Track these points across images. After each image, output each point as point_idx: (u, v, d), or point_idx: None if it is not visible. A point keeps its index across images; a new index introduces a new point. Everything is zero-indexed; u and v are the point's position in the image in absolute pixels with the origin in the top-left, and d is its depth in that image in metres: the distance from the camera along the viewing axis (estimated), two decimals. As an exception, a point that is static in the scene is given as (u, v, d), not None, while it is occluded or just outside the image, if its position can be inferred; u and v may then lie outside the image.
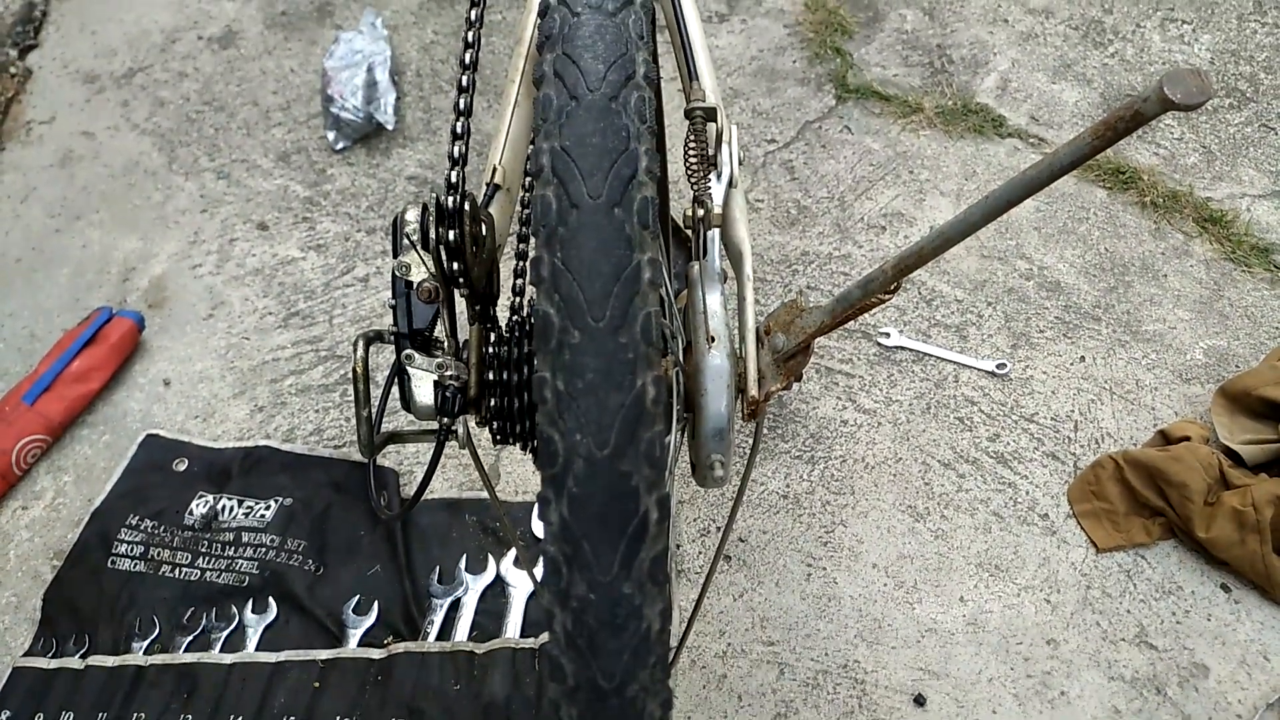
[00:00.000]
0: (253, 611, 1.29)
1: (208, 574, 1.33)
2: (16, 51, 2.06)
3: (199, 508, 1.39)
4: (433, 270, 0.64)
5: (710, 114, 0.72)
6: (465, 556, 1.32)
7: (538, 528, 1.34)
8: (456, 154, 0.65)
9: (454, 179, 0.63)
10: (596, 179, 0.49)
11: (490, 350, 0.69)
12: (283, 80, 1.97)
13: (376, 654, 1.23)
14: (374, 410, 0.71)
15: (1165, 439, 1.34)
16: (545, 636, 1.22)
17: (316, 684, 1.21)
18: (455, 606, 1.28)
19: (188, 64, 2.01)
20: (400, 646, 1.23)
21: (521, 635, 1.25)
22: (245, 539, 1.35)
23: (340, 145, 1.82)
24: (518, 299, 0.89)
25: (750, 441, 1.40)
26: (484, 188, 0.75)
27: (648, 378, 0.48)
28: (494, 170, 0.76)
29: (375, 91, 1.82)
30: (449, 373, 0.66)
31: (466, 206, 0.63)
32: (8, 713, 1.21)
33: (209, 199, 1.79)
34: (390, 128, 1.82)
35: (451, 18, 2.06)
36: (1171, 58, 1.86)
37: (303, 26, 2.07)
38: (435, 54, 1.99)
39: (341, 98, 1.79)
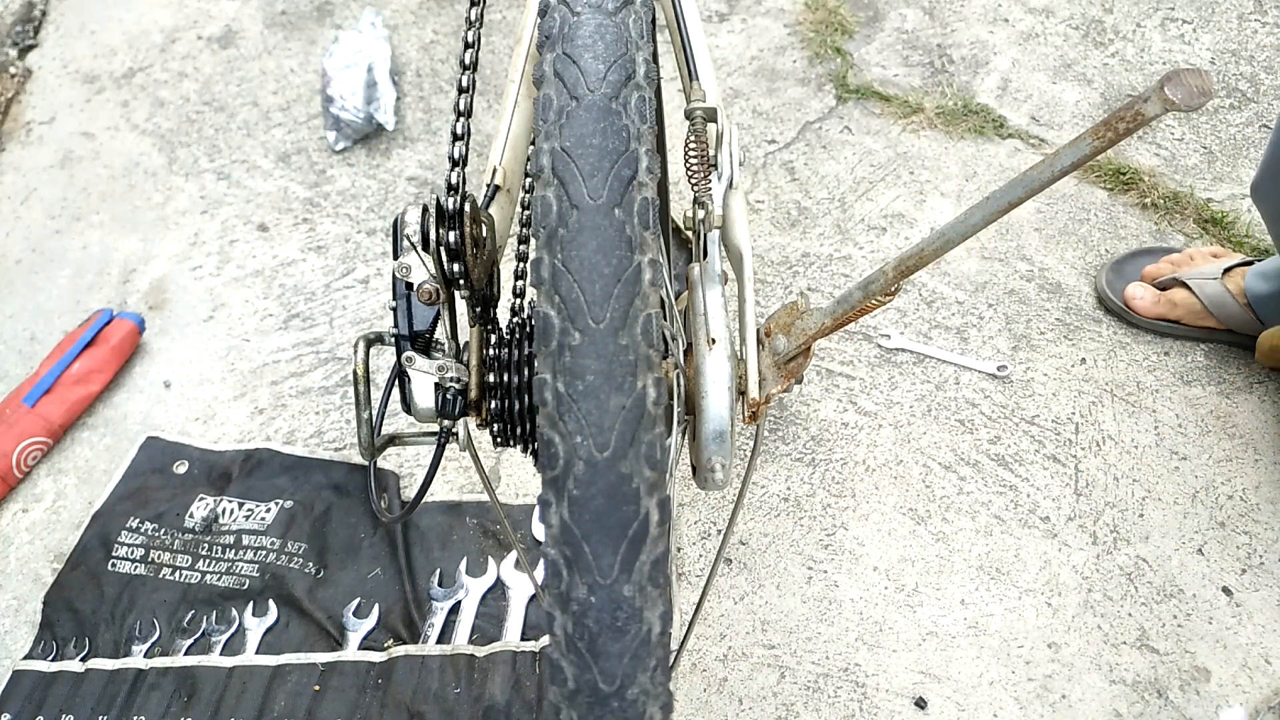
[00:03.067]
0: (253, 614, 1.29)
1: (208, 577, 1.33)
2: (16, 51, 2.06)
3: (199, 510, 1.38)
4: (433, 272, 0.64)
5: (710, 115, 0.72)
6: (465, 559, 1.32)
7: (538, 530, 1.34)
8: (457, 155, 0.64)
9: (454, 180, 0.63)
10: (597, 180, 0.49)
11: (491, 352, 0.68)
12: (282, 80, 1.97)
13: (376, 657, 1.23)
14: (374, 412, 0.71)
15: None
16: (546, 640, 1.22)
17: (316, 687, 1.21)
18: (455, 609, 1.28)
19: (187, 64, 2.01)
20: (400, 650, 1.23)
21: (522, 638, 1.25)
22: (246, 541, 1.35)
23: (340, 146, 1.82)
24: (518, 300, 0.89)
25: (751, 444, 1.40)
26: (484, 189, 0.75)
27: (648, 379, 0.48)
28: (494, 171, 0.76)
29: (375, 91, 1.82)
30: (449, 375, 0.66)
31: (467, 208, 0.62)
32: (8, 715, 1.21)
33: (209, 200, 1.78)
34: (390, 128, 1.82)
35: (451, 17, 2.06)
36: (1172, 57, 1.85)
37: (302, 26, 2.06)
38: (435, 54, 1.99)
39: (341, 98, 1.79)
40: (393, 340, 0.69)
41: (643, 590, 0.48)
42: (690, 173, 0.70)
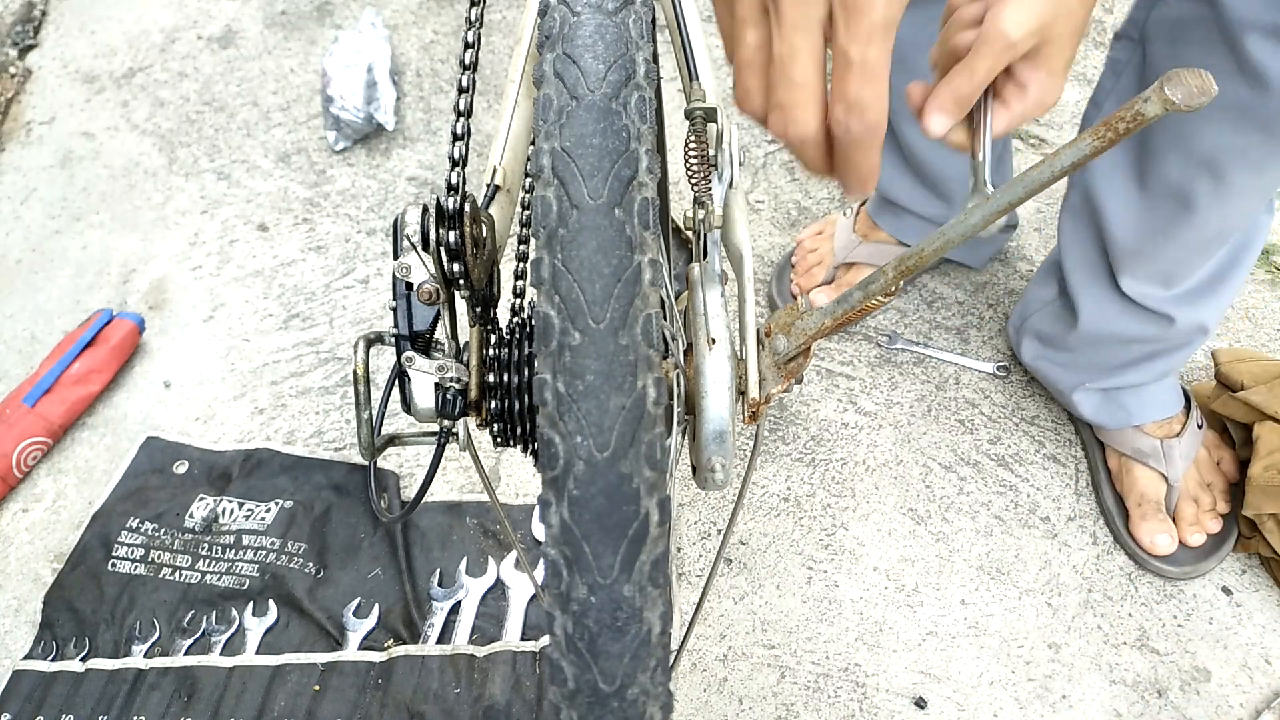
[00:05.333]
0: (253, 614, 1.29)
1: (208, 577, 1.33)
2: (16, 51, 2.06)
3: (199, 510, 1.38)
4: (433, 272, 0.64)
5: (710, 114, 0.72)
6: (465, 559, 1.32)
7: (538, 530, 1.34)
8: (457, 155, 0.64)
9: (454, 180, 0.63)
10: (597, 180, 0.49)
11: (491, 352, 0.68)
12: (282, 80, 1.97)
13: (376, 657, 1.23)
14: (374, 412, 0.71)
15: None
16: (546, 640, 1.22)
17: (316, 687, 1.21)
18: (455, 609, 1.28)
19: (187, 64, 2.01)
20: (400, 650, 1.23)
21: (522, 638, 1.25)
22: (246, 541, 1.35)
23: (340, 146, 1.82)
24: (518, 300, 0.89)
25: (751, 444, 1.40)
26: (484, 189, 0.75)
27: (648, 379, 0.48)
28: (494, 171, 0.76)
29: (375, 91, 1.82)
30: (449, 375, 0.66)
31: (467, 208, 0.62)
32: (8, 715, 1.21)
33: (209, 200, 1.78)
34: (390, 128, 1.82)
35: (451, 17, 2.06)
36: (1172, 59, 1.85)
37: (302, 26, 2.07)
38: (435, 53, 1.99)
39: (341, 98, 1.79)
40: (392, 340, 0.69)
41: (643, 590, 0.48)
42: (690, 173, 0.70)
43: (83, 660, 1.26)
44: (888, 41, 0.49)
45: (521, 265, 0.94)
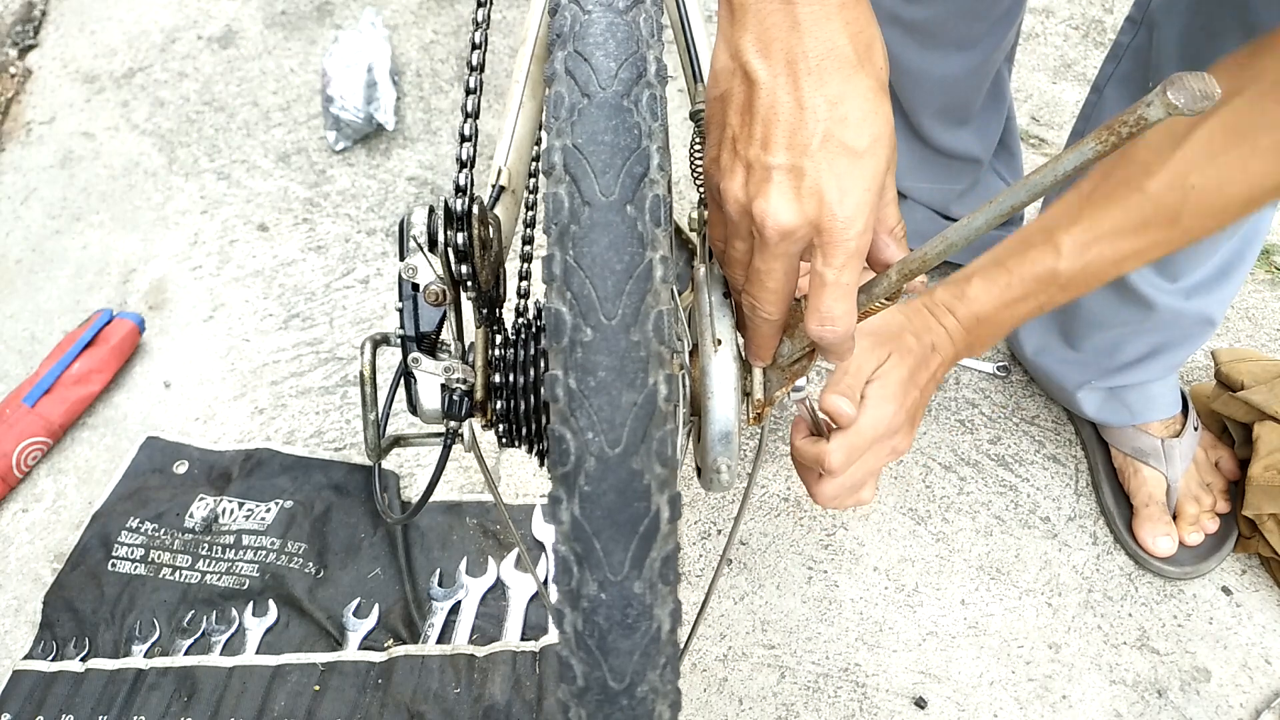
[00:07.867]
0: (253, 614, 1.29)
1: (208, 577, 1.33)
2: (16, 51, 2.05)
3: (199, 510, 1.38)
4: (440, 273, 0.64)
5: (715, 116, 0.72)
6: (465, 559, 1.32)
7: (539, 530, 1.34)
8: (465, 156, 0.64)
9: (462, 181, 0.63)
10: (609, 177, 0.49)
11: (497, 353, 0.69)
12: (282, 80, 1.97)
13: (376, 657, 1.23)
14: (380, 413, 0.71)
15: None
16: (546, 640, 1.22)
17: (316, 687, 1.21)
18: (455, 609, 1.28)
19: (188, 64, 2.01)
20: (400, 650, 1.23)
21: (521, 638, 1.25)
22: (246, 541, 1.35)
23: (340, 146, 1.82)
24: (522, 301, 0.89)
25: (752, 445, 1.40)
26: (489, 189, 0.75)
27: (660, 376, 0.48)
28: (499, 172, 0.76)
29: (375, 91, 1.82)
30: (456, 376, 0.66)
31: (475, 209, 0.62)
32: (8, 715, 1.21)
33: (209, 200, 1.78)
34: (390, 128, 1.82)
35: (452, 17, 2.06)
36: (1171, 62, 1.86)
37: (302, 26, 2.06)
38: (435, 54, 1.99)
39: (341, 98, 1.79)
40: (399, 341, 0.69)
41: (653, 587, 0.49)
42: (694, 174, 0.70)
43: (83, 660, 1.25)
44: (859, 267, 0.56)
45: (525, 266, 0.94)
